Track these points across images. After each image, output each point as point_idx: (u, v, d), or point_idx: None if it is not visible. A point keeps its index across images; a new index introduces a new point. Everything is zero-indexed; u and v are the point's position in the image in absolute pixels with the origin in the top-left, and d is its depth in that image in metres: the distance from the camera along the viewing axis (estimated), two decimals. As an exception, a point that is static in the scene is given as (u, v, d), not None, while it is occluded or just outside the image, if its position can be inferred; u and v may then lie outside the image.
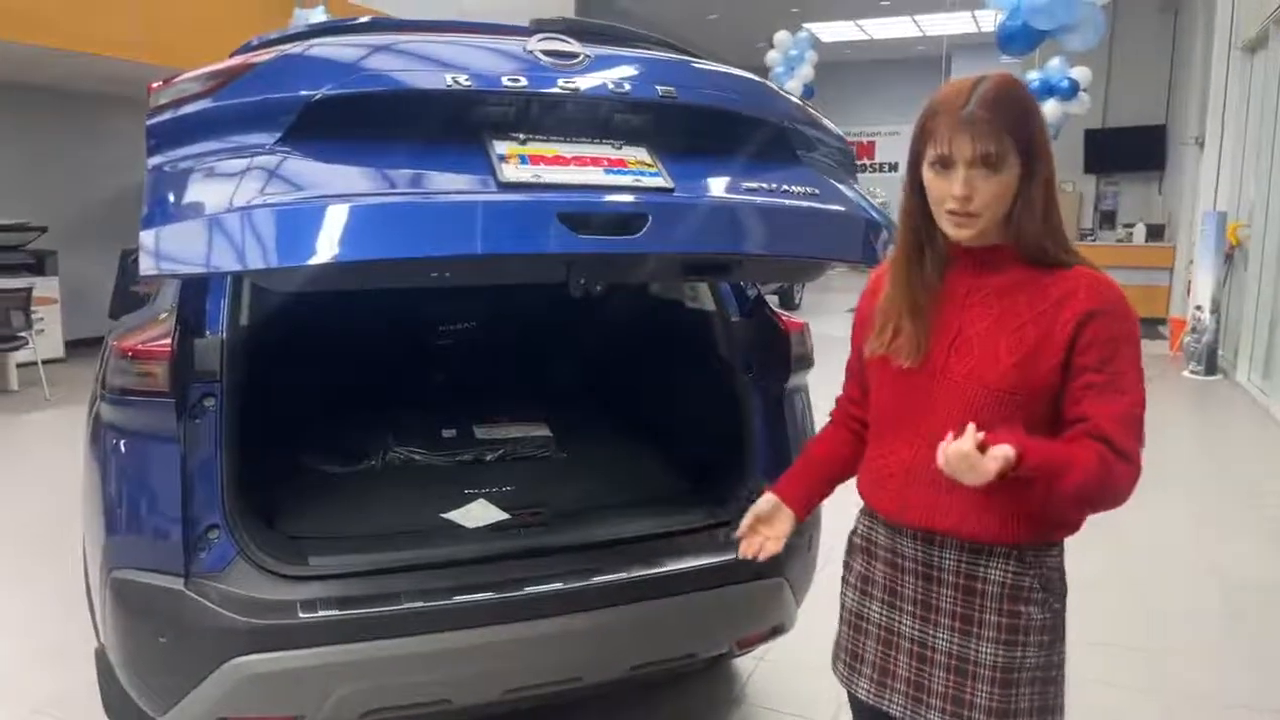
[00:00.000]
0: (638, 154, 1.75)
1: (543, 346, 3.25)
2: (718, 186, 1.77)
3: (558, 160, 1.67)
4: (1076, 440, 1.28)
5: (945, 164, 1.33)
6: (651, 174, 1.71)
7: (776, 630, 2.37)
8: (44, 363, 7.31)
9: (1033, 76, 9.63)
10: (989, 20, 17.55)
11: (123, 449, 1.96)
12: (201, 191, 1.53)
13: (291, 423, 2.63)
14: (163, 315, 2.03)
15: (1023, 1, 5.43)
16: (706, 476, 2.51)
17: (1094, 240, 12.86)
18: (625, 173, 1.69)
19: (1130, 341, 1.34)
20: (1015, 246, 1.36)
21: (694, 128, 1.83)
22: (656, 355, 2.85)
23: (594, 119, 1.75)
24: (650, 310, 2.84)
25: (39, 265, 8.36)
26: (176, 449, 1.92)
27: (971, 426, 1.21)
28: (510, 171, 1.61)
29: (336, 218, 1.47)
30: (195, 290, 2.02)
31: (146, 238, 1.46)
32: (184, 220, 1.49)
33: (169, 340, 1.92)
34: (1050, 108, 9.43)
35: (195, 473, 1.93)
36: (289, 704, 1.88)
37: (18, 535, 4.24)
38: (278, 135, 1.57)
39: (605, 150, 1.73)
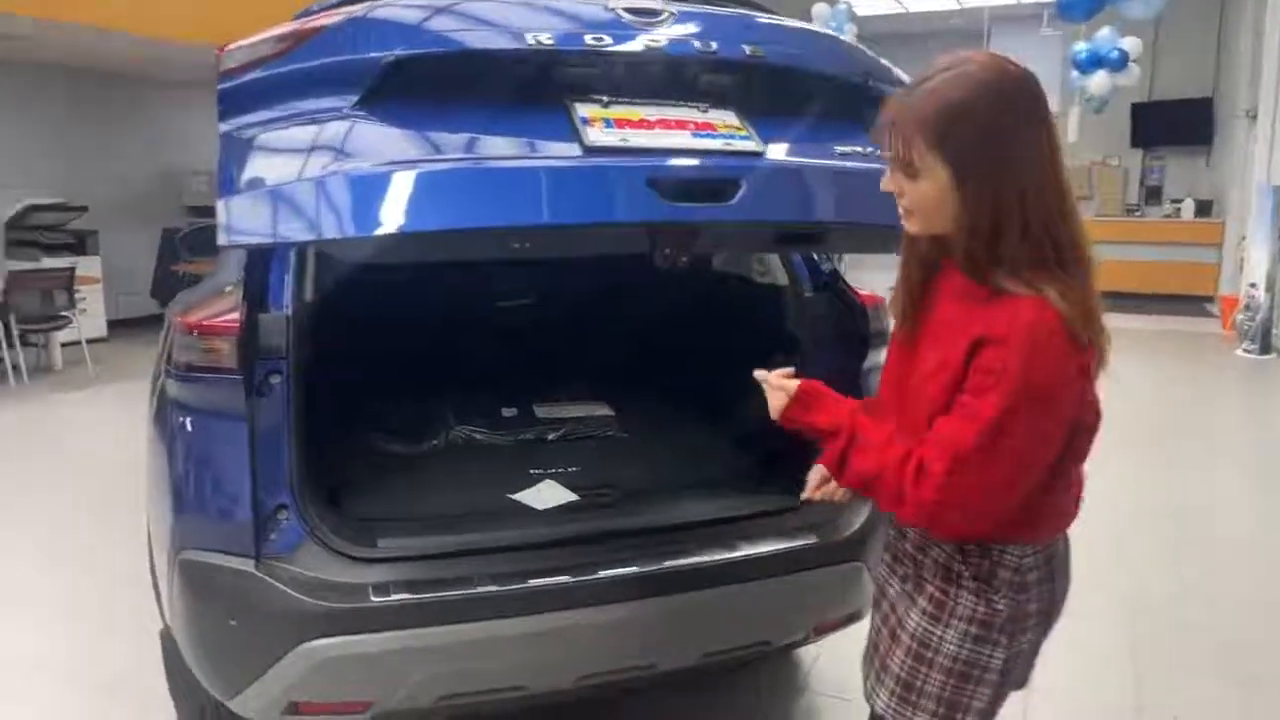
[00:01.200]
0: (725, 117, 1.66)
1: (601, 323, 3.17)
2: (811, 151, 1.68)
3: (643, 124, 1.59)
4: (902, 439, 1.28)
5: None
6: (741, 137, 1.62)
7: (853, 616, 2.28)
8: (88, 342, 7.36)
9: (1080, 47, 9.36)
10: (1029, -8, 17.16)
11: (189, 427, 1.91)
12: (275, 159, 1.47)
13: (353, 401, 2.58)
14: (228, 289, 1.98)
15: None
16: (778, 459, 2.43)
17: (1141, 216, 12.55)
18: (714, 136, 1.61)
19: (1014, 388, 1.17)
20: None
21: (783, 89, 1.74)
22: (723, 331, 2.76)
23: (679, 80, 1.66)
24: (716, 284, 2.76)
25: (80, 245, 8.41)
26: (245, 427, 1.86)
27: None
28: (595, 135, 1.52)
29: (417, 185, 1.40)
30: (260, 264, 1.96)
31: (220, 208, 1.40)
32: (258, 189, 1.43)
33: (236, 315, 1.86)
34: (1099, 80, 9.17)
35: (263, 452, 1.88)
36: (362, 689, 1.83)
37: (69, 513, 4.26)
38: (354, 99, 1.50)
39: (691, 113, 1.65)
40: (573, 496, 2.24)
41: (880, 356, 2.40)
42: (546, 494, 2.25)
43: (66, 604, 3.32)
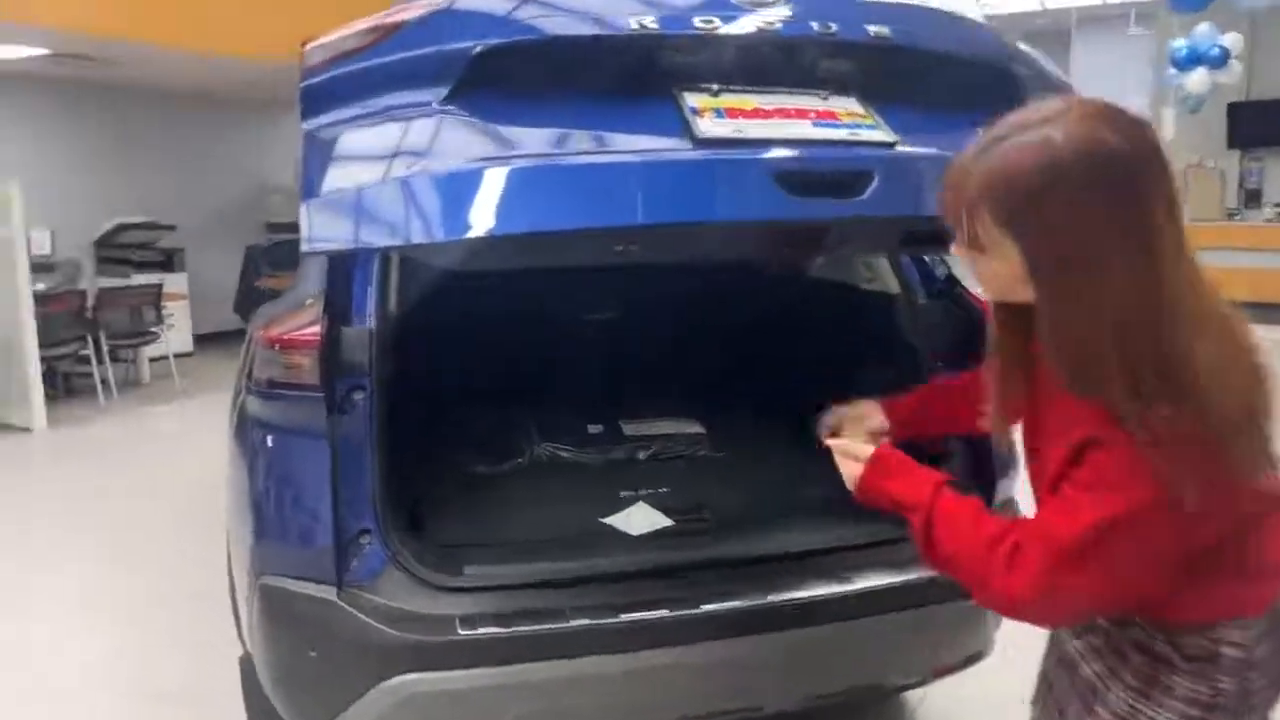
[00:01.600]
0: (847, 105, 1.49)
1: (691, 333, 3.01)
2: (945, 141, 1.49)
3: (758, 113, 1.44)
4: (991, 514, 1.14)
5: None
6: (868, 126, 1.46)
7: (975, 657, 2.08)
8: (175, 356, 7.51)
9: (1180, 44, 8.90)
10: (1115, -9, 16.50)
11: (270, 446, 1.83)
12: (359, 159, 1.36)
13: (434, 415, 2.48)
14: (309, 301, 1.88)
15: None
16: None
17: (1240, 220, 11.91)
18: (838, 125, 1.45)
19: (1115, 505, 0.98)
20: None
21: (910, 74, 1.56)
22: (825, 342, 2.58)
23: (796, 64, 1.51)
24: (816, 291, 2.58)
25: (168, 262, 8.62)
26: (326, 446, 1.76)
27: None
28: (707, 126, 1.38)
29: (513, 183, 1.27)
30: (342, 274, 1.87)
31: (305, 213, 1.29)
32: (342, 191, 1.32)
33: (317, 328, 1.77)
34: (1198, 78, 8.69)
35: (346, 473, 1.78)
36: (449, 728, 1.71)
37: (150, 522, 4.28)
38: (442, 93, 1.38)
39: (811, 100, 1.49)
40: (667, 521, 2.09)
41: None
42: (639, 518, 2.10)
43: (137, 614, 3.31)
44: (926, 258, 2.24)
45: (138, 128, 8.81)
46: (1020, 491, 2.16)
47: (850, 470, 1.28)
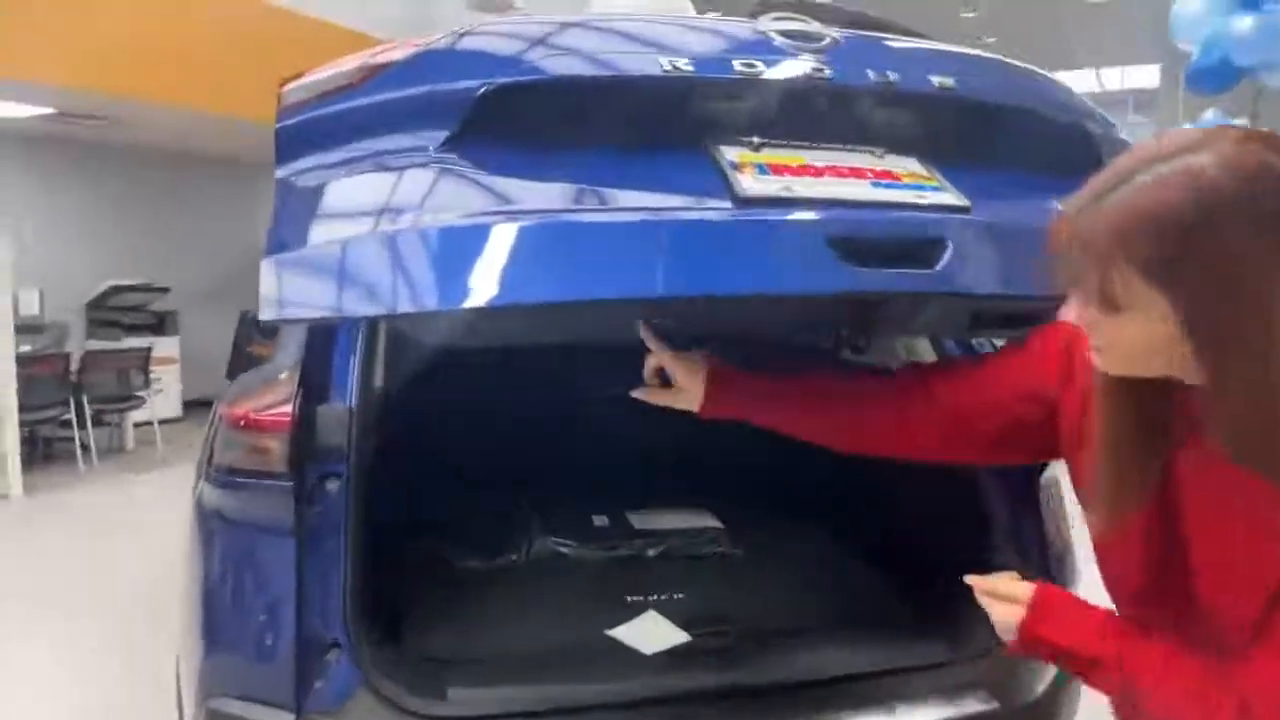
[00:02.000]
0: (905, 164, 1.29)
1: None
2: (1023, 208, 1.29)
3: (807, 170, 1.23)
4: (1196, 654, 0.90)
5: None
6: (933, 189, 1.25)
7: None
8: (161, 422, 7.27)
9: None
10: (1114, 79, 16.70)
11: (226, 543, 1.59)
12: (343, 210, 1.15)
13: (421, 505, 2.23)
14: (283, 375, 1.66)
15: (1221, 33, 4.84)
16: (936, 587, 1.98)
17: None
18: (898, 186, 1.24)
19: None
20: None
21: (975, 131, 1.37)
22: None
23: (848, 118, 1.31)
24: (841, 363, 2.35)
25: (160, 325, 8.43)
26: (292, 544, 1.52)
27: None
28: (750, 183, 1.17)
29: (529, 243, 1.06)
30: (322, 345, 1.65)
31: (270, 272, 1.07)
32: (318, 247, 1.10)
33: (289, 407, 1.54)
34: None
35: (314, 576, 1.53)
36: None
37: (129, 599, 4.00)
38: (441, 137, 1.17)
39: (865, 159, 1.28)
40: (683, 635, 1.82)
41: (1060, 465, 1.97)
42: (651, 631, 1.84)
43: (109, 697, 3.04)
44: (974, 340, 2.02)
45: (134, 188, 8.72)
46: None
47: (1003, 615, 1.02)
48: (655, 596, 1.98)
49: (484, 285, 1.04)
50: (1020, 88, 1.42)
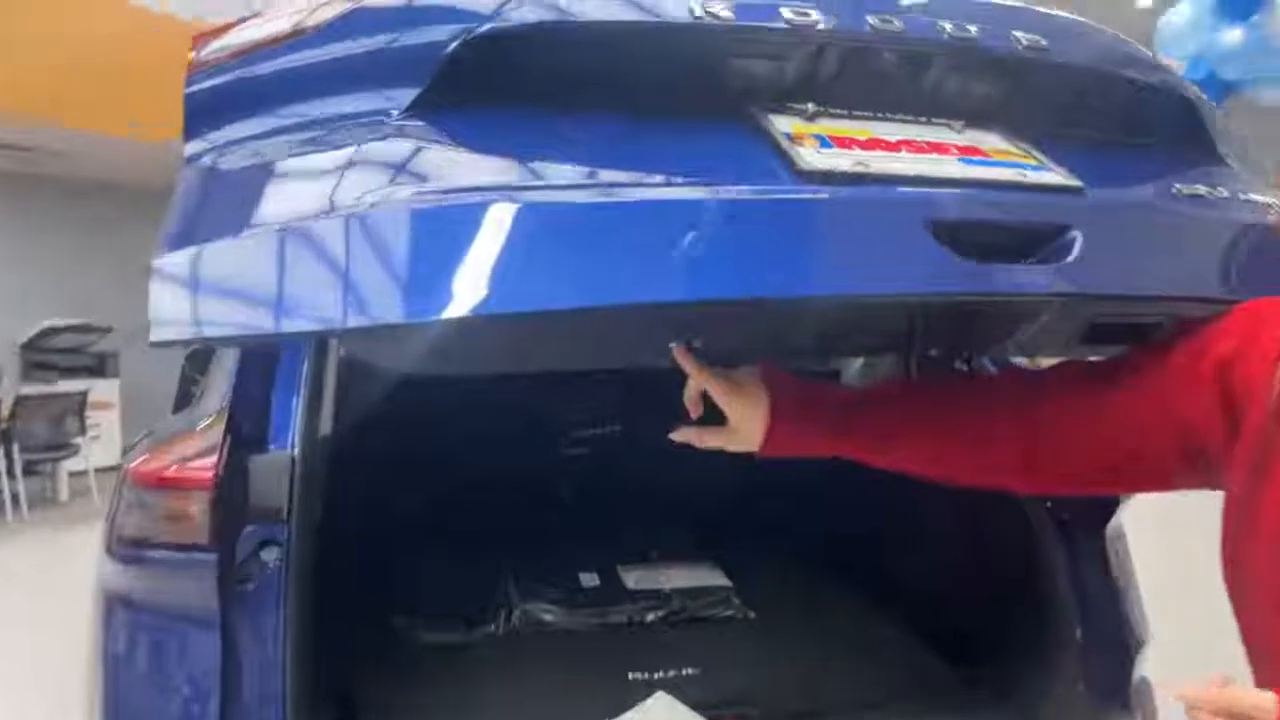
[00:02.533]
0: (989, 140, 1.02)
1: (711, 457, 2.46)
2: (1144, 191, 1.03)
3: (877, 144, 0.96)
4: None
5: None
6: (1033, 167, 0.98)
7: None
8: (98, 471, 6.78)
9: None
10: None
11: (133, 636, 1.26)
12: (280, 195, 0.84)
13: (381, 569, 1.91)
14: (206, 421, 1.34)
15: (1209, 49, 4.74)
16: (989, 657, 1.70)
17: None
18: (995, 164, 0.97)
19: None
20: None
21: (1069, 102, 1.11)
22: (891, 475, 2.05)
23: (921, 82, 1.04)
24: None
25: (100, 367, 7.96)
26: (216, 637, 1.20)
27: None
28: (812, 157, 0.89)
29: (529, 230, 0.77)
30: (258, 380, 1.34)
31: (164, 278, 0.77)
32: (241, 243, 0.80)
33: (213, 461, 1.22)
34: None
35: (245, 673, 1.21)
36: None
37: (54, 664, 3.56)
38: (407, 99, 0.88)
39: (942, 133, 1.02)
40: (700, 721, 1.51)
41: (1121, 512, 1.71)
42: (661, 718, 1.53)
43: None
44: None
45: (73, 223, 8.29)
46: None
47: None
48: (662, 673, 1.68)
49: (467, 289, 0.74)
50: (1116, 52, 1.17)
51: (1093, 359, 1.02)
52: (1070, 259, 0.85)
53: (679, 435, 1.04)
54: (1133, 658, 1.60)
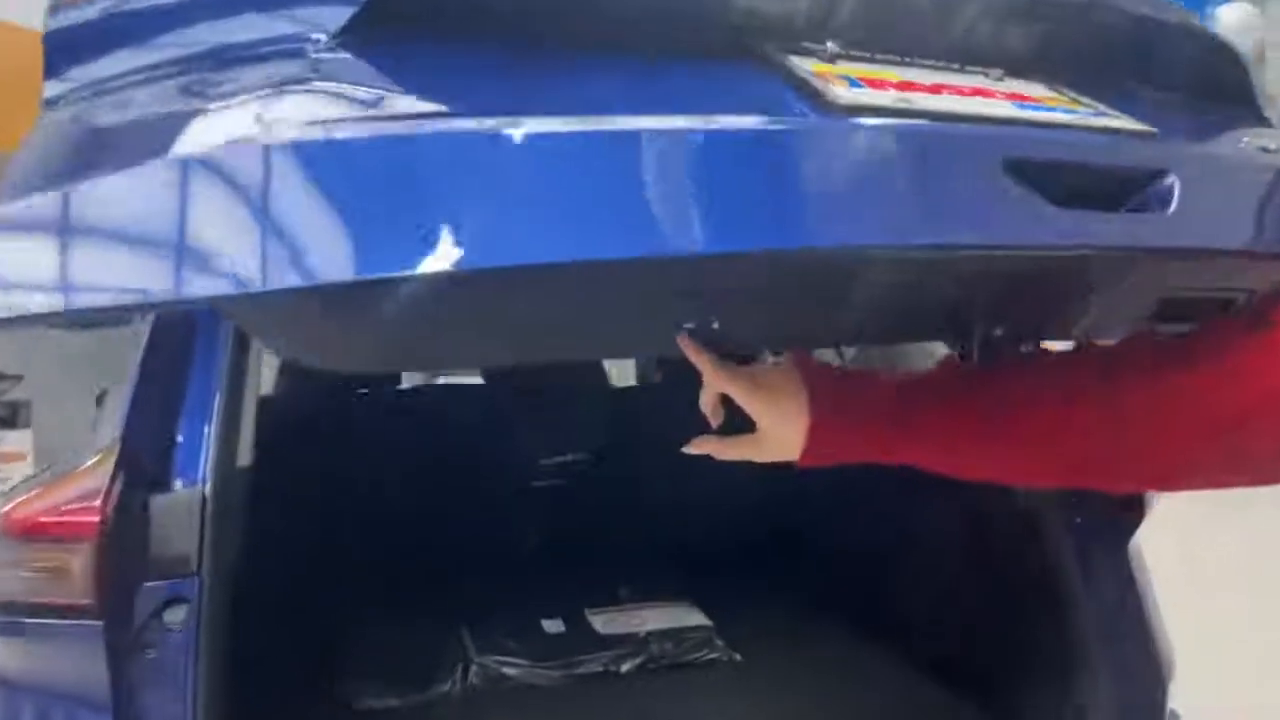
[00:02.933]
0: (1030, 89, 0.88)
1: (684, 484, 2.25)
2: (1222, 143, 0.90)
3: (913, 87, 0.80)
4: None
5: None
6: (1092, 113, 0.83)
7: None
8: (6, 529, 6.32)
9: None
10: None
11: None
12: (167, 136, 0.64)
13: (315, 622, 1.68)
14: (93, 457, 1.11)
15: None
16: (996, 695, 1.53)
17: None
18: (1049, 109, 0.82)
19: None
20: None
21: (1114, 52, 0.97)
22: (880, 486, 1.87)
23: (954, 23, 0.89)
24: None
25: (11, 418, 7.46)
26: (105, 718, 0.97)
27: None
28: (844, 93, 0.73)
29: (514, 161, 0.59)
30: (159, 400, 1.12)
31: (12, 226, 0.57)
32: (129, 173, 0.59)
33: (98, 501, 1.00)
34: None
35: None
36: None
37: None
38: (335, 23, 0.69)
39: (979, 80, 0.87)
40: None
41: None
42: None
43: None
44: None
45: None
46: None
47: None
48: (644, 733, 1.48)
49: (446, 243, 0.55)
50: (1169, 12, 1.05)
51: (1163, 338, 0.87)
52: (1171, 209, 0.70)
53: (696, 447, 0.86)
54: (1165, 687, 1.45)
